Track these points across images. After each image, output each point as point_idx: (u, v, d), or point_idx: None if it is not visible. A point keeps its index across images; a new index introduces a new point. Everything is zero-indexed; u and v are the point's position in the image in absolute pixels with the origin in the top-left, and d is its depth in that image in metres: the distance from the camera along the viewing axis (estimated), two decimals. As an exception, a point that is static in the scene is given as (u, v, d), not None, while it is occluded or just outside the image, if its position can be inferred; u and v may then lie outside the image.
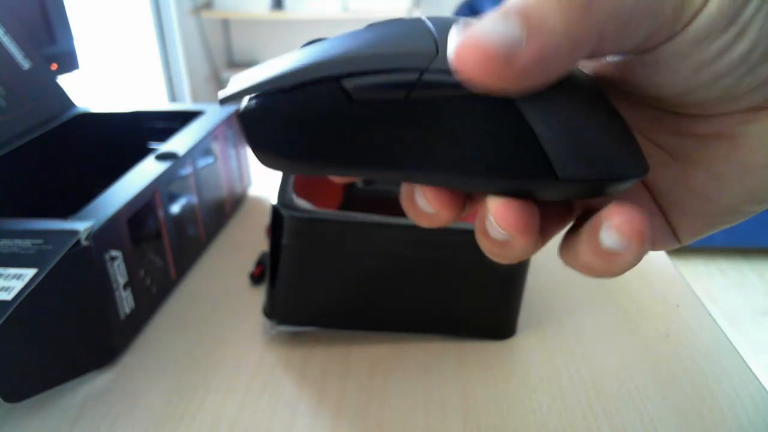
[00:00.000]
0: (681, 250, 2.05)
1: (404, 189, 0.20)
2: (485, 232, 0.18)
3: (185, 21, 2.35)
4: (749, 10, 0.15)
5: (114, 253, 0.37)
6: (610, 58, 0.18)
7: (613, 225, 0.16)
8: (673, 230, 0.20)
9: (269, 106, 0.18)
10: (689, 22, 0.15)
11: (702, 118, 0.18)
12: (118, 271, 0.38)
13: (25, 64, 0.51)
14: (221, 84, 2.62)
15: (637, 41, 0.15)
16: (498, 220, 0.17)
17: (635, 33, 0.15)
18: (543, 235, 0.19)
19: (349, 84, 0.17)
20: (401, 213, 0.38)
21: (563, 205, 0.20)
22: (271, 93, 0.18)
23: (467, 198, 0.19)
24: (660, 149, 0.19)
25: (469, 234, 0.37)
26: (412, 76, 0.16)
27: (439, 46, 0.17)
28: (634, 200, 0.20)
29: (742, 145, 0.17)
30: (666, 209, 0.20)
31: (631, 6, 0.14)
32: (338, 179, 0.21)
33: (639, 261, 0.16)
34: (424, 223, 0.20)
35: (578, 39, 0.14)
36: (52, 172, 0.53)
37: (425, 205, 0.19)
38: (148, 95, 2.22)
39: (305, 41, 0.20)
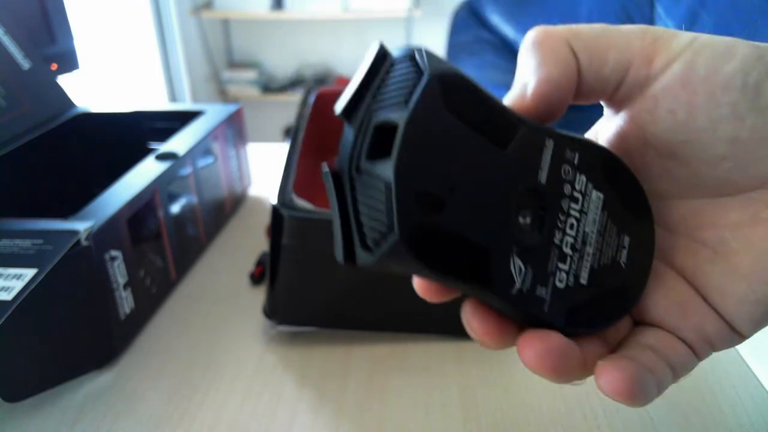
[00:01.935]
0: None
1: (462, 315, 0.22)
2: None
3: (185, 21, 2.35)
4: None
5: (114, 253, 0.37)
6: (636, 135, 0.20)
7: (601, 384, 0.18)
8: (731, 327, 0.20)
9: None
10: (664, 70, 0.18)
11: (731, 202, 0.19)
12: (118, 271, 0.38)
13: (25, 64, 0.51)
14: (221, 84, 2.62)
15: (615, 77, 0.19)
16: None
17: (608, 70, 0.19)
18: (570, 369, 0.19)
19: None
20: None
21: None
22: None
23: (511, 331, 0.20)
24: (703, 245, 0.20)
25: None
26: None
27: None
28: (686, 307, 0.20)
29: None
30: (719, 308, 0.20)
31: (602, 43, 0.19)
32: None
33: (644, 401, 0.18)
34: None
35: (564, 83, 0.19)
36: (52, 172, 0.53)
37: (471, 331, 0.21)
38: (148, 95, 2.22)
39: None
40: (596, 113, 0.23)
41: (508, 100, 0.20)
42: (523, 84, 0.19)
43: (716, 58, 0.18)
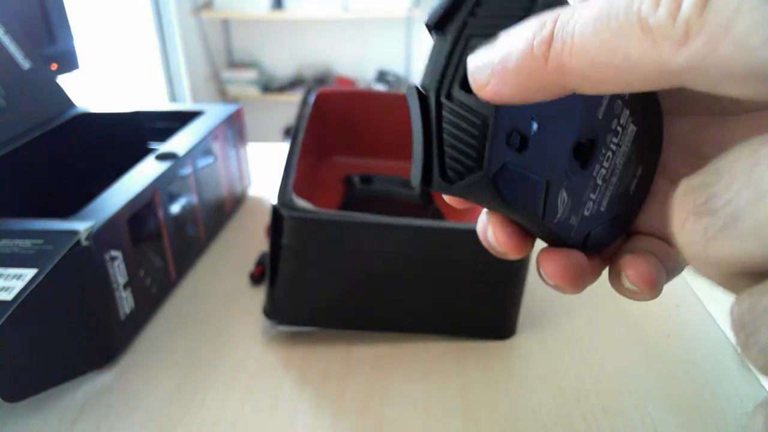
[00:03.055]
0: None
1: (479, 225, 0.21)
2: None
3: (185, 21, 2.35)
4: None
5: (114, 253, 0.37)
6: None
7: (627, 276, 0.20)
8: None
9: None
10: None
11: (736, 120, 0.20)
12: (118, 271, 0.38)
13: (25, 64, 0.51)
14: (221, 84, 2.62)
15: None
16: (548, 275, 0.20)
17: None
18: (584, 282, 0.21)
19: None
20: (401, 213, 0.38)
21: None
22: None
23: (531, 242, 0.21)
24: (704, 161, 0.21)
25: (469, 234, 0.37)
26: None
27: None
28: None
29: None
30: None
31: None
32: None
33: (658, 293, 0.20)
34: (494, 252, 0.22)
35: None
36: (52, 172, 0.53)
37: (495, 244, 0.21)
38: (148, 95, 2.22)
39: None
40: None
41: None
42: None
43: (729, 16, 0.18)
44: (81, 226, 0.35)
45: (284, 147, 0.75)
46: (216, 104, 0.59)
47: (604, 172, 0.21)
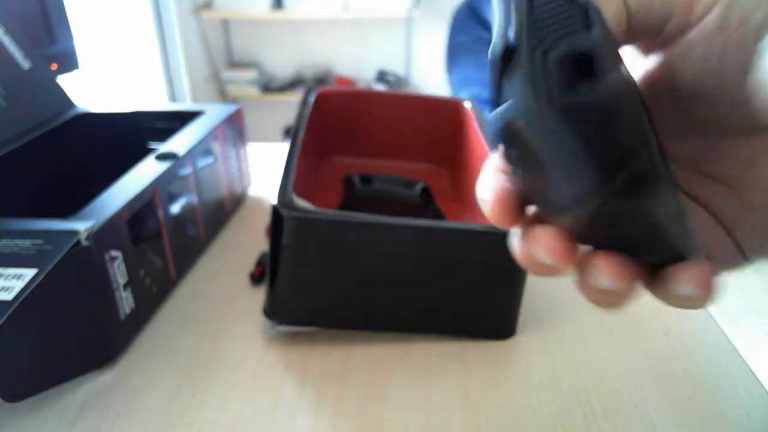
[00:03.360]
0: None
1: (519, 248, 0.20)
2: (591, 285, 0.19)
3: (185, 21, 2.35)
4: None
5: (114, 253, 0.37)
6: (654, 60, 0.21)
7: (685, 279, 0.18)
8: (740, 249, 0.22)
9: None
10: (702, 17, 0.19)
11: (742, 140, 0.20)
12: (118, 271, 0.38)
13: (25, 64, 0.51)
14: (221, 84, 2.62)
15: (659, 24, 0.20)
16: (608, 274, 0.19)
17: (653, 17, 0.20)
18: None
19: None
20: (401, 213, 0.38)
21: None
22: None
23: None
24: (716, 182, 0.22)
25: (469, 234, 0.37)
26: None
27: None
28: (706, 229, 0.22)
29: None
30: (733, 232, 0.22)
31: None
32: None
33: (711, 301, 0.19)
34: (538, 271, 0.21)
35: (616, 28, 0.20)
36: (52, 172, 0.53)
37: (545, 257, 0.19)
38: (148, 95, 2.22)
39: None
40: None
41: None
42: None
43: (749, 5, 0.18)
44: (81, 226, 0.35)
45: (284, 147, 0.75)
46: (216, 104, 0.59)
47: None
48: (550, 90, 0.16)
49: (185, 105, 0.59)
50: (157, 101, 2.19)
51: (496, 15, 0.18)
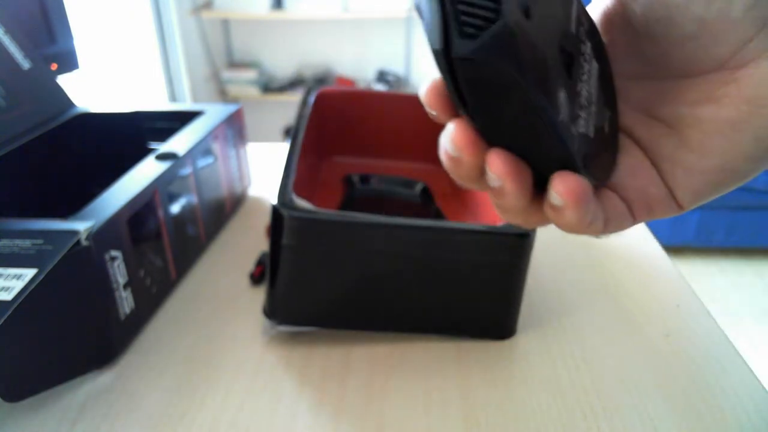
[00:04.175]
0: (681, 251, 2.05)
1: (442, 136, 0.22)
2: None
3: (185, 21, 2.35)
4: None
5: (114, 253, 0.37)
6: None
7: (554, 189, 0.20)
8: (673, 195, 0.22)
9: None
10: None
11: (691, 82, 0.21)
12: (118, 271, 0.38)
13: (25, 64, 0.51)
14: (221, 84, 2.62)
15: None
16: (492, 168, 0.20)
17: None
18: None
19: None
20: (401, 213, 0.38)
21: None
22: None
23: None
24: (660, 121, 0.23)
25: (469, 234, 0.37)
26: None
27: None
28: (636, 170, 0.23)
29: (726, 105, 0.20)
30: (667, 175, 0.22)
31: None
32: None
33: (581, 218, 0.20)
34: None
35: None
36: (52, 172, 0.53)
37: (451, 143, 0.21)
38: (148, 95, 2.22)
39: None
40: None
41: None
42: None
43: None
44: (81, 226, 0.35)
45: (284, 147, 0.75)
46: (216, 104, 0.59)
47: (585, 94, 0.21)
48: None
49: (185, 105, 0.59)
50: (157, 101, 2.19)
51: None
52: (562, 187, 0.20)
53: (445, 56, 0.18)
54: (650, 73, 0.23)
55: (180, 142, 0.48)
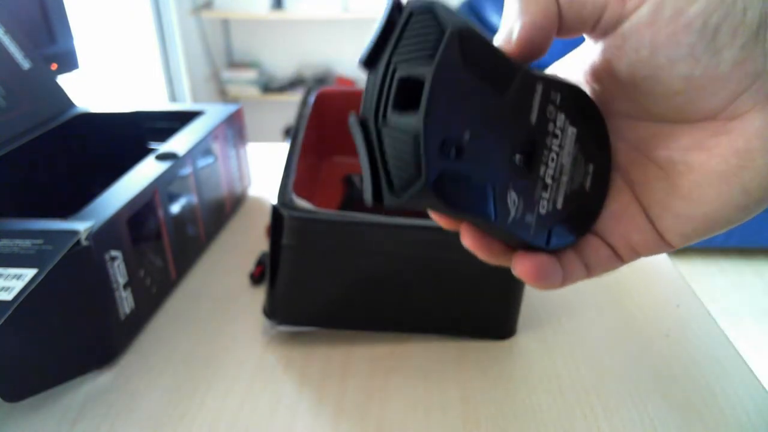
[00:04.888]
0: (681, 250, 2.05)
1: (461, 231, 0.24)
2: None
3: (185, 21, 2.35)
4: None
5: (114, 253, 0.37)
6: (592, 47, 0.23)
7: (513, 269, 0.22)
8: (662, 237, 0.23)
9: None
10: (634, 10, 0.20)
11: (684, 128, 0.21)
12: (118, 271, 0.38)
13: (25, 64, 0.51)
14: (221, 84, 2.62)
15: (593, 17, 0.21)
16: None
17: (587, 11, 0.21)
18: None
19: None
20: (401, 213, 0.38)
21: None
22: None
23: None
24: (653, 164, 0.23)
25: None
26: None
27: None
28: (622, 215, 0.24)
29: (716, 155, 0.21)
30: (656, 219, 0.23)
31: None
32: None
33: (542, 287, 0.22)
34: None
35: (546, 26, 0.20)
36: (52, 172, 0.53)
37: (467, 247, 0.24)
38: (148, 95, 2.22)
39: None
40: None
41: (495, 43, 0.22)
42: (509, 29, 0.21)
43: (683, 0, 0.19)
44: (81, 226, 0.35)
45: (284, 147, 0.75)
46: (216, 104, 0.59)
47: (551, 172, 0.22)
48: (384, 106, 0.19)
49: (185, 105, 0.59)
50: (157, 101, 2.19)
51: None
52: (519, 268, 0.22)
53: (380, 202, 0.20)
54: (644, 115, 0.22)
55: (180, 142, 0.48)
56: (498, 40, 0.22)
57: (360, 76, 2.63)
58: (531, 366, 0.39)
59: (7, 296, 0.30)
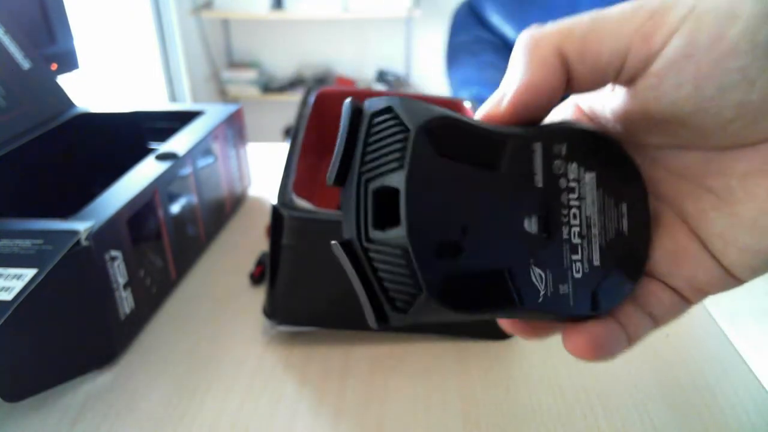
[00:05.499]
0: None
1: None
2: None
3: (185, 21, 2.35)
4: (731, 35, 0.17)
5: (114, 253, 0.37)
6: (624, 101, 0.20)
7: (566, 347, 0.20)
8: (729, 272, 0.20)
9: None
10: (664, 46, 0.18)
11: (740, 153, 0.19)
12: (118, 271, 0.38)
13: (25, 64, 0.51)
14: (221, 84, 2.62)
15: (614, 66, 0.19)
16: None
17: (604, 61, 0.19)
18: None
19: None
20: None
21: None
22: None
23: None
24: (708, 193, 0.21)
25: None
26: None
27: None
28: (680, 254, 0.21)
29: None
30: (719, 254, 0.20)
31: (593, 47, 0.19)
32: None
33: (604, 359, 0.21)
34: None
35: (545, 89, 0.19)
36: (52, 172, 0.53)
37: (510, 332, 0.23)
38: (148, 95, 2.22)
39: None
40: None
41: (484, 109, 0.21)
42: (502, 94, 0.20)
43: (719, 24, 0.17)
44: (81, 226, 0.35)
45: (284, 147, 0.75)
46: (216, 104, 0.59)
47: (577, 230, 0.20)
48: (364, 224, 0.18)
49: (185, 105, 0.59)
50: (157, 101, 2.19)
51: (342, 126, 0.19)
52: (570, 347, 0.20)
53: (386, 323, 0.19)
54: (689, 145, 0.20)
55: (180, 142, 0.48)
56: (487, 106, 0.20)
57: (360, 76, 2.63)
58: (531, 366, 0.39)
59: (7, 296, 0.30)
